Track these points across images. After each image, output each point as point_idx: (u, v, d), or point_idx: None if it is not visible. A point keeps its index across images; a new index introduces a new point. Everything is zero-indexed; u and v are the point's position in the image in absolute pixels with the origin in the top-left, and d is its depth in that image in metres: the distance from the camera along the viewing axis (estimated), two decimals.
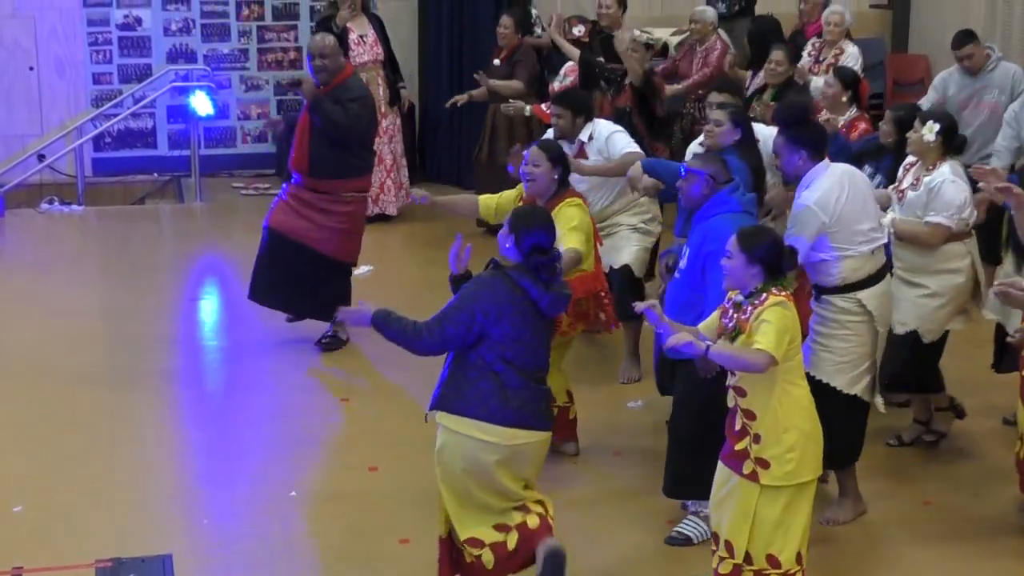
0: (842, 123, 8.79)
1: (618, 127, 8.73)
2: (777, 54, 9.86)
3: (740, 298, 5.89)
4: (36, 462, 7.88)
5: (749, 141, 7.74)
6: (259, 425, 8.47)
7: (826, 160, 6.98)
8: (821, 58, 11.17)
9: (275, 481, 7.67)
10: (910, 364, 7.61)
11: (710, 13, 11.84)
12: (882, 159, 8.18)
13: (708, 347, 5.77)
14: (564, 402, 7.80)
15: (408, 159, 12.90)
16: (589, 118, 8.62)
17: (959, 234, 7.49)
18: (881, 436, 7.95)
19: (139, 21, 13.87)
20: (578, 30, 11.60)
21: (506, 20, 11.69)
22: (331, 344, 9.47)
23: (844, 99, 8.84)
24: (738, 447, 5.96)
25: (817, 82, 10.29)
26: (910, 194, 7.53)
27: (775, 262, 5.86)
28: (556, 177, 7.46)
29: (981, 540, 7.07)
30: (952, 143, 7.55)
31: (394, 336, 6.00)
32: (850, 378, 6.95)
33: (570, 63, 11.08)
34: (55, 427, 8.34)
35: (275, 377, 9.09)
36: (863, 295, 6.91)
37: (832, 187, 6.87)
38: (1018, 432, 7.14)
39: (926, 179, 7.47)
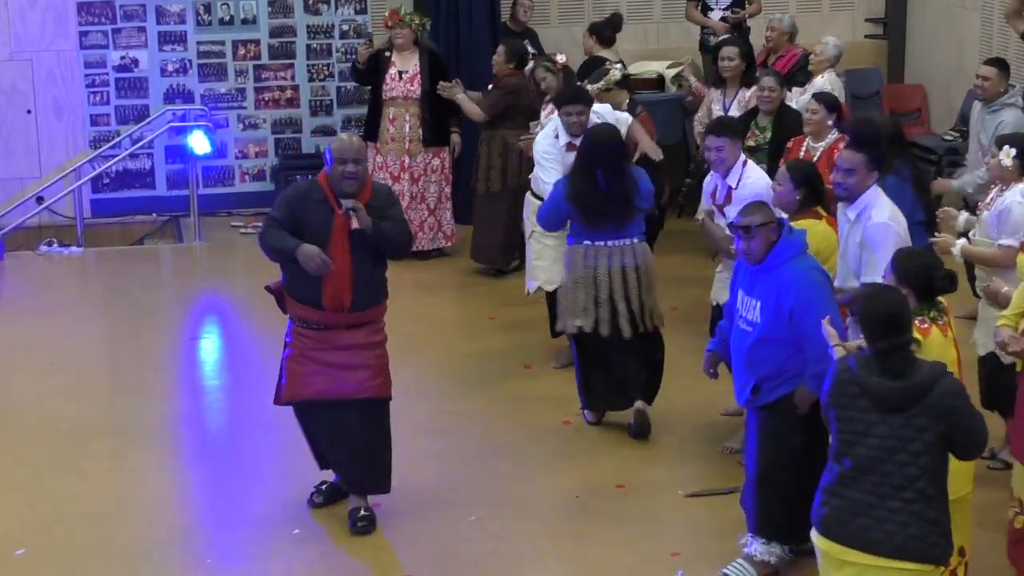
0: (822, 146, 8.77)
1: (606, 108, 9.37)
2: (768, 80, 9.70)
3: None
4: (39, 505, 7.86)
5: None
6: (262, 464, 8.45)
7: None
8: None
9: (278, 519, 7.66)
10: (989, 384, 7.61)
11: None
12: None
13: None
14: None
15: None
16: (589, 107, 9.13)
17: None
18: None
19: (136, 62, 13.87)
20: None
21: (499, 48, 11.73)
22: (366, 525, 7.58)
23: (829, 123, 8.82)
24: None
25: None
26: (984, 213, 7.71)
27: (924, 284, 5.94)
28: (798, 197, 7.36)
29: None
30: None
31: None
32: None
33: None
34: (58, 470, 8.32)
35: (277, 415, 9.03)
36: None
37: (889, 202, 7.07)
38: (1013, 497, 6.64)
39: (997, 200, 7.63)
